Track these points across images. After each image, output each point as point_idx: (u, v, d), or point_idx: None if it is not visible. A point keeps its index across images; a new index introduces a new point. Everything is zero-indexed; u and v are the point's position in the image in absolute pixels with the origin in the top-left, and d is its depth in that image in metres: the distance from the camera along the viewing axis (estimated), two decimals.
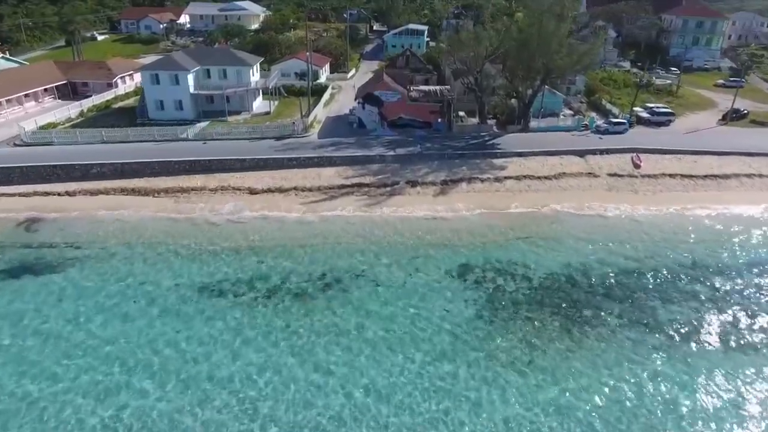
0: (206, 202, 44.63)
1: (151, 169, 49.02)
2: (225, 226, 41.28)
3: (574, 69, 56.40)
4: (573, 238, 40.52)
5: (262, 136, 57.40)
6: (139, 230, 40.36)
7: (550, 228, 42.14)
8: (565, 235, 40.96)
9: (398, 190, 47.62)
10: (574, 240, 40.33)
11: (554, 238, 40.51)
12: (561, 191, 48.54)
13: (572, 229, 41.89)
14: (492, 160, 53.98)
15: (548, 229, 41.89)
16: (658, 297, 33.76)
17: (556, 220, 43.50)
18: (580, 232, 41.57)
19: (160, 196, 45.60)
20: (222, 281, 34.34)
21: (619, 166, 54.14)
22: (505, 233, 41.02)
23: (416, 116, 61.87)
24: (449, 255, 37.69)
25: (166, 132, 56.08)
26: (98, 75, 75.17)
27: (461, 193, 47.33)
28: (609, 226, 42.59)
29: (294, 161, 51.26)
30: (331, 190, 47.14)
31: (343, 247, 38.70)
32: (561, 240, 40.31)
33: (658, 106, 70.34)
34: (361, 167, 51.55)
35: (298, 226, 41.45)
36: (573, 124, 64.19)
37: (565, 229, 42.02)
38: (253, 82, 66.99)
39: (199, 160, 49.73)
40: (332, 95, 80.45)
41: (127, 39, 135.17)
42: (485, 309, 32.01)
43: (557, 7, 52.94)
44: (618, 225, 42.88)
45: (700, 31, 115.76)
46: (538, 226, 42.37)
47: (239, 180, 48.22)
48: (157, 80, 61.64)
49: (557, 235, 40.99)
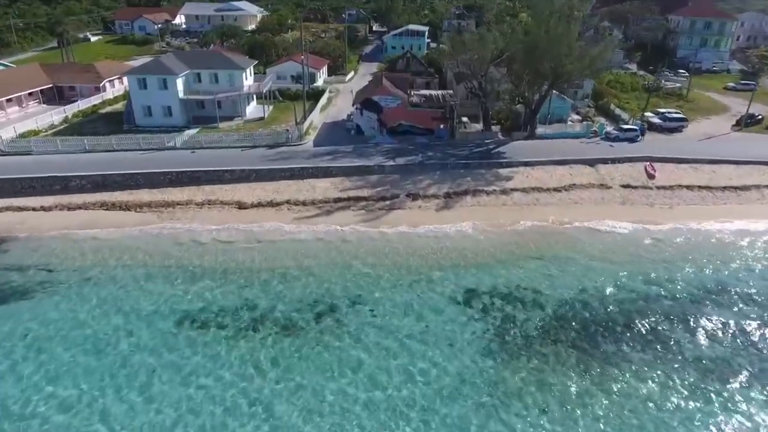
0: (192, 218, 41.55)
1: (134, 181, 45.95)
2: (211, 245, 38.21)
3: (584, 73, 53.31)
4: (587, 259, 37.47)
5: (254, 145, 54.33)
6: (118, 250, 37.29)
7: (561, 247, 39.07)
8: (578, 255, 37.90)
9: (398, 203, 44.57)
10: (588, 260, 37.28)
11: (566, 259, 37.46)
12: (572, 205, 45.48)
13: (585, 248, 38.83)
14: (498, 170, 50.92)
15: (559, 248, 38.83)
16: (683, 328, 30.70)
17: (568, 237, 40.45)
18: (594, 251, 38.52)
19: (143, 211, 42.53)
20: (204, 310, 31.27)
21: (632, 176, 51.09)
22: (513, 253, 37.96)
23: (417, 123, 58.84)
24: (453, 278, 34.63)
25: (152, 140, 53.02)
26: (86, 78, 72.05)
27: (466, 208, 44.27)
28: (625, 245, 39.52)
29: (287, 172, 48.19)
30: (326, 204, 44.08)
31: (339, 268, 35.63)
32: (574, 260, 37.25)
33: (669, 112, 67.26)
34: (358, 178, 48.49)
35: (291, 245, 38.38)
36: (582, 131, 61.14)
37: (578, 247, 38.95)
38: (245, 87, 63.95)
39: (185, 172, 46.66)
40: (329, 99, 77.42)
41: (121, 40, 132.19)
42: (494, 343, 28.94)
43: (566, 7, 49.73)
44: (634, 243, 39.81)
45: (709, 32, 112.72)
46: (548, 244, 39.31)
47: (228, 193, 45.16)
48: (144, 85, 58.58)
49: (569, 255, 37.94)
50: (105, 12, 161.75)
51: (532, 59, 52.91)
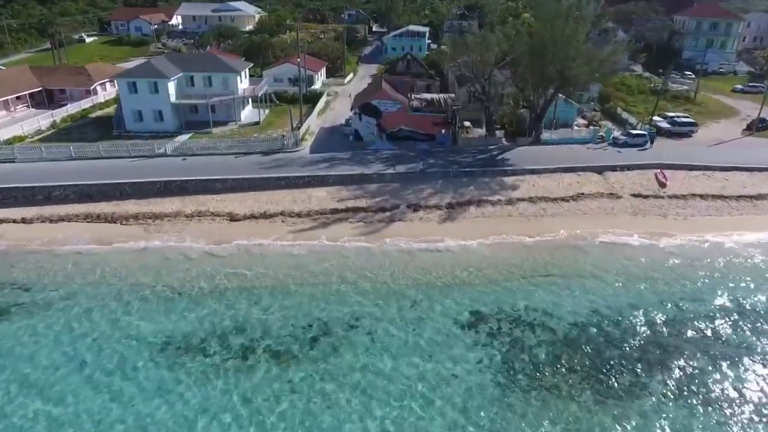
0: (180, 232, 39.32)
1: (120, 191, 43.74)
2: (199, 261, 35.97)
3: (593, 77, 51.03)
4: (598, 276, 35.25)
5: (248, 151, 52.10)
6: (101, 267, 35.06)
7: (571, 262, 36.85)
8: (589, 272, 35.69)
9: (398, 215, 42.34)
10: (600, 278, 35.07)
11: (577, 276, 35.25)
12: (580, 216, 43.25)
13: (597, 264, 36.60)
14: (502, 179, 48.71)
15: (569, 264, 36.61)
16: (706, 355, 28.45)
17: (578, 252, 38.22)
18: (606, 267, 36.29)
19: (129, 223, 40.31)
20: (189, 335, 29.04)
21: (642, 184, 48.90)
22: (520, 269, 35.74)
23: (418, 128, 56.64)
24: (458, 298, 32.41)
25: (141, 147, 50.81)
26: (76, 81, 69.82)
27: (469, 219, 42.06)
28: (638, 260, 37.29)
29: (282, 181, 45.97)
30: (322, 216, 41.86)
31: (335, 287, 33.42)
32: (585, 278, 35.05)
33: (679, 116, 65.06)
34: (357, 187, 46.28)
35: (284, 260, 36.16)
36: (588, 136, 58.94)
37: (589, 263, 36.73)
38: (240, 90, 61.73)
39: (174, 181, 44.43)
40: (327, 103, 75.24)
41: (117, 41, 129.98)
42: (502, 373, 26.72)
43: (574, 8, 47.43)
44: (648, 258, 37.58)
45: (715, 33, 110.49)
46: (557, 259, 37.09)
47: (220, 203, 42.94)
48: (135, 89, 56.38)
49: (580, 272, 35.73)
50: (101, 12, 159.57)
51: (537, 62, 50.71)
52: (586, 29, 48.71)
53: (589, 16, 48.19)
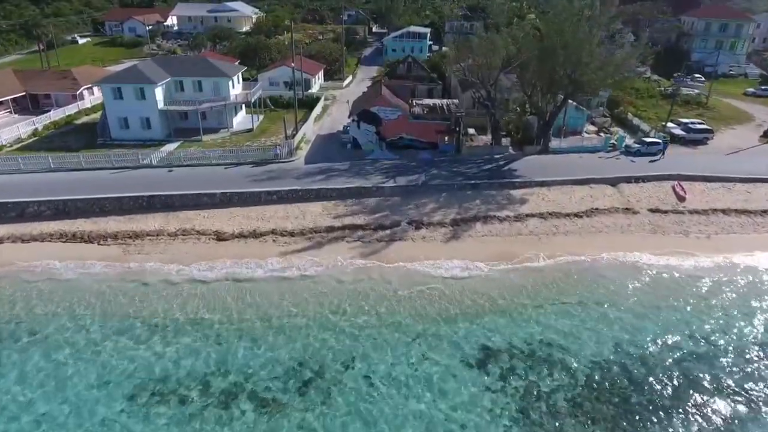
0: (163, 253, 36.19)
1: (100, 207, 40.63)
2: (181, 287, 32.82)
3: (607, 83, 47.83)
4: (619, 304, 32.14)
5: (238, 162, 48.97)
6: (73, 295, 31.92)
7: (587, 288, 33.72)
8: (608, 299, 32.56)
9: (399, 233, 39.21)
10: (621, 306, 31.96)
11: (595, 303, 32.13)
12: (595, 234, 40.13)
13: (616, 290, 33.48)
14: (510, 192, 45.59)
15: (585, 290, 33.48)
16: (742, 399, 25.39)
17: (594, 275, 35.06)
18: (626, 293, 33.18)
19: (107, 243, 37.19)
20: (166, 377, 25.95)
21: (659, 197, 45.77)
22: (532, 296, 32.61)
23: (420, 136, 53.53)
24: (465, 332, 29.30)
25: (125, 157, 47.67)
26: (61, 85, 66.72)
27: (476, 238, 38.93)
28: (661, 285, 34.17)
29: (274, 195, 42.82)
30: (317, 235, 38.72)
31: (330, 318, 30.30)
32: (603, 306, 31.93)
33: (693, 122, 61.86)
34: (354, 202, 43.18)
35: (274, 287, 33.01)
36: (600, 144, 55.77)
37: (607, 289, 33.60)
38: (232, 96, 58.57)
39: (158, 196, 41.28)
40: (325, 107, 72.10)
41: (110, 42, 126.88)
42: (517, 426, 23.61)
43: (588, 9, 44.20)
44: (672, 283, 34.45)
45: (724, 34, 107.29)
46: (572, 285, 33.96)
47: (206, 220, 39.82)
48: (120, 94, 53.25)
49: (598, 299, 32.59)
50: (96, 13, 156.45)
51: (547, 66, 47.58)
52: (600, 32, 45.46)
53: (603, 18, 44.91)
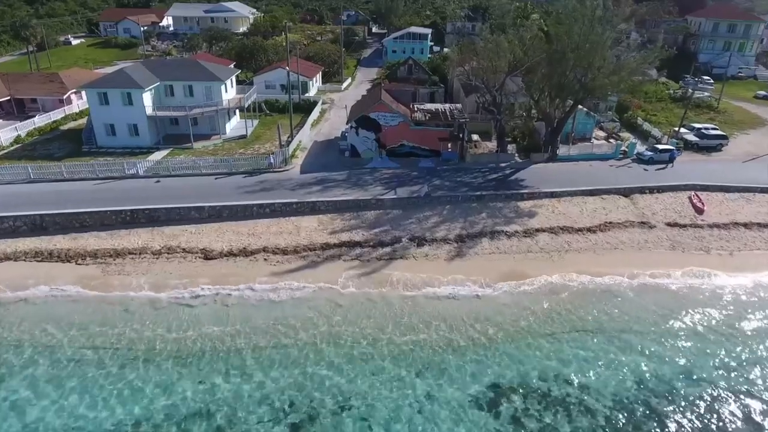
0: (145, 273, 33.48)
1: (80, 222, 37.92)
2: (163, 313, 30.11)
3: (620, 88, 45.10)
4: (640, 332, 29.44)
5: (230, 171, 46.29)
6: (46, 320, 29.24)
7: (605, 313, 31.02)
8: (628, 326, 29.87)
9: (400, 251, 36.51)
10: (642, 334, 29.27)
11: (614, 332, 29.43)
12: (611, 251, 37.44)
13: (637, 315, 30.79)
14: (518, 204, 42.92)
15: (603, 316, 30.80)
16: None
17: (613, 299, 32.38)
18: (647, 319, 30.49)
19: (86, 263, 34.47)
20: (142, 420, 23.27)
21: (676, 210, 43.11)
22: (546, 323, 29.94)
23: (422, 143, 50.86)
24: (473, 365, 26.62)
25: (110, 167, 44.97)
26: (48, 89, 64.03)
27: (483, 257, 36.21)
28: (685, 309, 31.49)
29: (266, 208, 40.13)
30: (312, 253, 36.01)
31: (324, 351, 27.61)
32: (624, 334, 29.23)
33: (707, 127, 59.19)
34: (352, 215, 40.49)
35: (265, 312, 30.31)
36: (610, 152, 53.10)
37: (627, 314, 30.92)
38: (225, 101, 55.88)
39: (142, 210, 38.56)
40: (323, 111, 69.45)
41: (105, 43, 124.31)
42: None
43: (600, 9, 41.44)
44: (696, 306, 31.77)
45: (733, 35, 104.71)
46: (588, 310, 31.28)
47: (193, 237, 37.11)
48: (106, 100, 50.55)
49: (618, 326, 29.90)
50: (91, 13, 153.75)
51: (556, 71, 44.94)
52: (614, 34, 42.76)
53: (618, 19, 42.22)
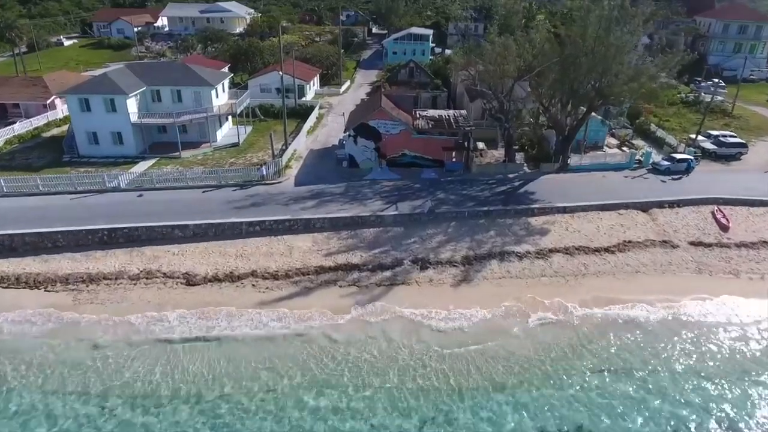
0: (121, 301, 30.33)
1: (53, 241, 34.76)
2: (140, 350, 26.90)
3: (639, 94, 41.84)
4: (672, 372, 26.28)
5: (219, 184, 43.16)
6: (8, 360, 26.11)
7: (630, 349, 27.86)
8: (659, 366, 26.70)
9: (402, 275, 33.33)
10: (675, 376, 26.09)
11: (644, 372, 26.27)
12: (632, 275, 34.26)
13: (667, 352, 27.62)
14: (528, 220, 39.78)
15: (628, 352, 27.63)
16: None
17: (637, 331, 29.17)
18: (679, 358, 27.30)
19: (56, 289, 31.30)
20: None
21: (699, 227, 39.96)
22: (564, 361, 26.78)
23: (424, 153, 47.69)
24: (485, 413, 23.47)
25: (89, 179, 41.79)
26: (30, 94, 60.90)
27: (492, 282, 33.04)
28: (720, 345, 28.29)
29: (256, 226, 36.96)
30: (305, 278, 32.81)
31: (319, 394, 24.45)
32: (654, 376, 26.08)
33: (724, 134, 56.03)
34: (350, 234, 37.34)
35: (252, 349, 27.13)
36: (624, 161, 49.93)
37: (656, 351, 27.73)
38: (215, 107, 52.68)
39: (121, 229, 35.42)
40: (320, 116, 66.27)
41: (97, 44, 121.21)
42: None
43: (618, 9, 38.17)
44: (734, 341, 28.58)
45: (743, 36, 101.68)
46: (611, 344, 28.13)
47: (175, 259, 33.92)
48: (88, 106, 47.41)
49: (646, 364, 26.75)
50: (85, 13, 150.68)
51: (570, 77, 41.79)
52: (635, 38, 39.60)
53: (638, 20, 39.01)
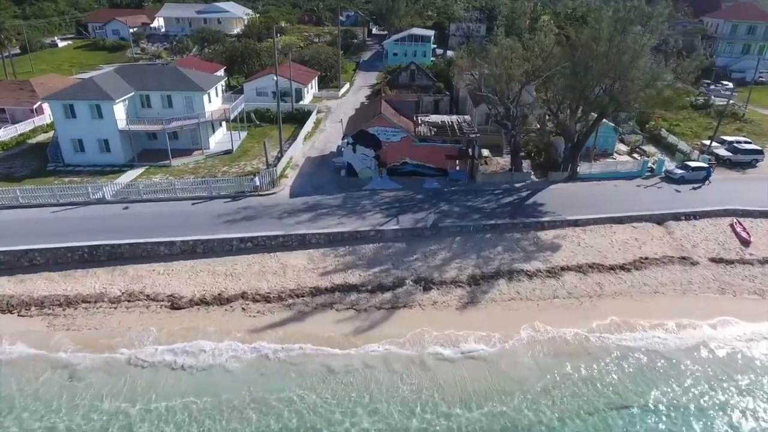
0: (98, 327, 27.99)
1: (30, 260, 32.44)
2: (117, 381, 24.60)
3: (656, 102, 39.41)
4: (703, 410, 23.94)
5: (210, 195, 40.83)
6: None
7: (653, 382, 25.49)
8: (688, 402, 24.34)
9: (404, 297, 30.98)
10: (707, 415, 23.75)
11: (670, 410, 23.92)
12: (650, 296, 31.87)
13: (696, 387, 25.23)
14: (537, 234, 37.42)
15: (651, 385, 25.26)
16: None
17: (659, 362, 26.78)
18: (709, 392, 24.96)
19: (30, 313, 28.98)
20: None
21: (718, 241, 37.61)
22: (582, 396, 24.41)
23: (427, 161, 45.34)
24: None
25: (73, 191, 39.45)
26: (16, 98, 58.61)
27: (500, 304, 30.66)
28: (756, 378, 25.95)
29: (248, 242, 34.60)
30: (299, 300, 30.46)
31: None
32: (683, 414, 23.74)
33: (739, 141, 53.66)
34: (347, 250, 34.96)
35: (241, 383, 24.78)
36: (636, 169, 47.58)
37: (682, 386, 25.37)
38: (208, 112, 50.34)
39: (103, 246, 33.05)
40: (318, 121, 63.93)
41: (92, 46, 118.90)
42: None
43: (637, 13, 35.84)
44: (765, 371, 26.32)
45: (752, 37, 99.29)
46: (632, 376, 25.75)
47: (160, 279, 31.56)
48: (72, 113, 45.10)
49: (674, 402, 24.38)
50: (81, 14, 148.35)
51: (582, 82, 39.44)
52: (653, 41, 37.23)
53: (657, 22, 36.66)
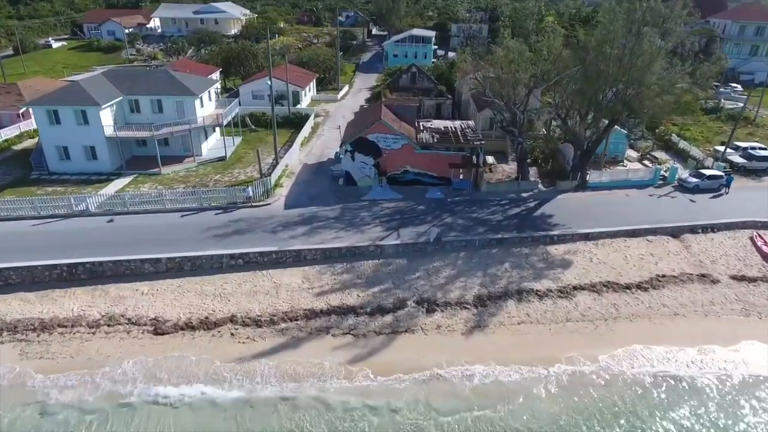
0: (74, 356, 25.80)
1: (3, 279, 30.20)
2: (93, 419, 22.46)
3: (671, 109, 37.24)
4: None
5: (200, 206, 38.64)
6: None
7: (679, 420, 23.32)
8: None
9: (405, 320, 28.77)
10: None
11: None
12: (670, 318, 29.69)
13: (724, 421, 23.11)
14: (547, 249, 35.23)
15: (678, 425, 23.09)
16: None
17: (685, 394, 24.61)
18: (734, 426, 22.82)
19: (2, 339, 26.78)
20: None
21: (738, 256, 35.43)
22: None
23: (429, 170, 43.18)
24: None
25: (55, 202, 37.28)
26: (3, 102, 56.41)
27: (509, 328, 28.45)
28: None
29: (239, 259, 32.40)
30: (293, 324, 28.24)
31: None
32: None
33: (754, 147, 51.47)
34: (345, 267, 32.76)
35: (230, 421, 22.61)
36: (648, 178, 45.40)
37: (713, 419, 23.21)
38: (200, 117, 48.16)
39: (83, 264, 30.85)
40: (315, 126, 61.75)
41: (87, 46, 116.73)
42: None
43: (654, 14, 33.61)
44: None
45: (761, 38, 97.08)
46: (655, 411, 23.58)
47: (144, 300, 29.37)
48: (57, 119, 42.93)
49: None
50: (76, 14, 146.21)
51: (593, 87, 37.28)
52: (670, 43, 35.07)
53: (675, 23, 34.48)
